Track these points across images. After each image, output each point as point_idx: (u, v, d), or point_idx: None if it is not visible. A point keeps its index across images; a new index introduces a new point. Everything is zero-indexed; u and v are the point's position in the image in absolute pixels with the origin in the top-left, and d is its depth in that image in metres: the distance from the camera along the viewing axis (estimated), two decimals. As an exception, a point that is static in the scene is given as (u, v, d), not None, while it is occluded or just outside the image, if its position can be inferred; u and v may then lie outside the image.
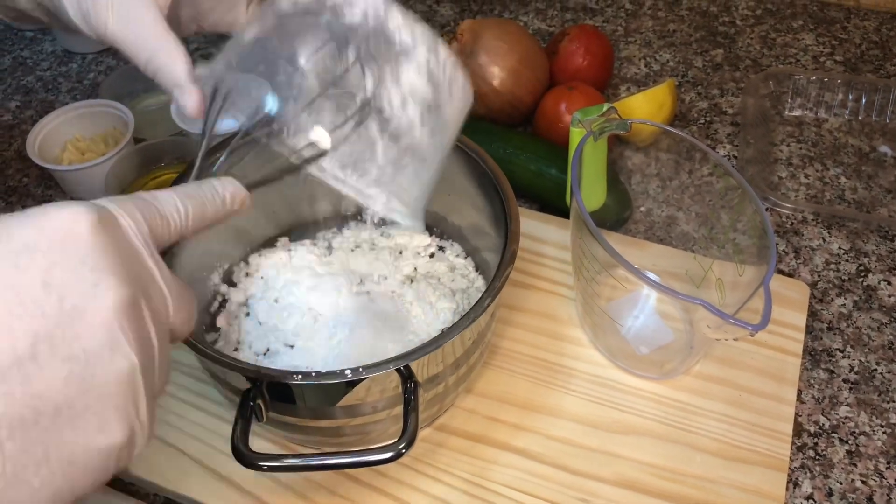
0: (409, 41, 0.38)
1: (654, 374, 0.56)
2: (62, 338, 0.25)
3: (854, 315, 0.62)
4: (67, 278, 0.25)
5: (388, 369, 0.41)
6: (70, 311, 0.25)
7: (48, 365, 0.24)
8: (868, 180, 0.73)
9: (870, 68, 0.85)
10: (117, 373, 0.26)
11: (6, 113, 0.82)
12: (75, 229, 0.26)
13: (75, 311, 0.25)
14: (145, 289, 0.28)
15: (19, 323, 0.24)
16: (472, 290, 0.58)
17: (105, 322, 0.26)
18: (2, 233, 0.25)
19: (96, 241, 0.26)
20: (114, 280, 0.26)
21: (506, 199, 0.50)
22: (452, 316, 0.55)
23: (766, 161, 0.75)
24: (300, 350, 0.54)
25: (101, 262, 0.26)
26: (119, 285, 0.26)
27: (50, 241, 0.26)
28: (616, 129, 0.54)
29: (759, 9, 0.95)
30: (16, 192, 0.73)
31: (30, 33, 0.92)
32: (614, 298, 0.58)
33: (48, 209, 0.26)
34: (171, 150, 0.71)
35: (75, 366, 0.25)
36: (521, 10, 0.95)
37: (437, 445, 0.52)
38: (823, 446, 0.54)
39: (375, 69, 0.37)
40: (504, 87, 0.73)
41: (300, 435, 0.50)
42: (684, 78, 0.85)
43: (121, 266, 0.27)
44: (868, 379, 0.58)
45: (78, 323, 0.25)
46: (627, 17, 0.94)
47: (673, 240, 0.64)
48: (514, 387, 0.55)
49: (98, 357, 0.26)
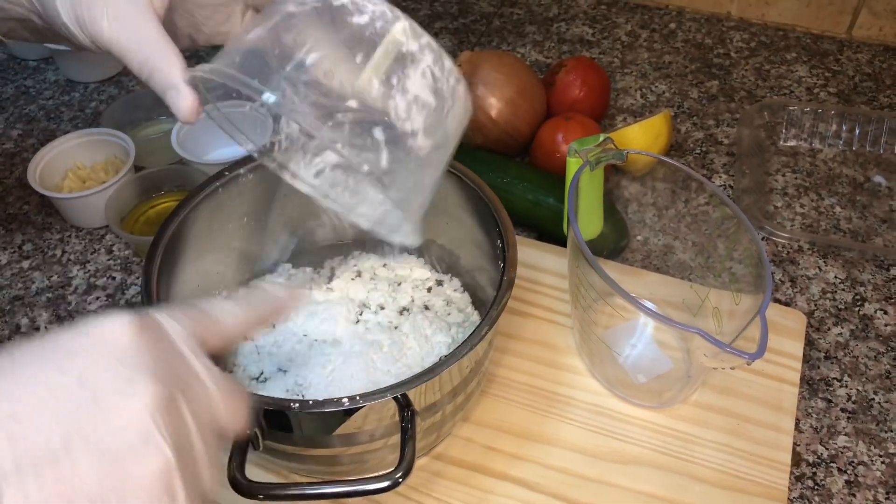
0: (416, 49, 0.38)
1: (652, 402, 0.56)
2: (95, 432, 0.25)
3: (851, 344, 0.62)
4: (104, 377, 0.26)
5: (386, 397, 0.41)
6: (104, 407, 0.26)
7: (82, 459, 0.25)
8: (863, 210, 0.74)
9: (863, 100, 0.87)
10: (152, 468, 0.26)
11: (8, 141, 0.82)
12: (117, 334, 0.27)
13: (109, 407, 0.26)
14: (186, 388, 0.29)
15: (54, 418, 0.25)
16: (468, 325, 0.58)
17: (138, 418, 0.26)
18: (51, 342, 0.27)
19: (134, 344, 0.27)
20: (148, 378, 0.27)
21: (503, 228, 0.51)
22: (447, 350, 0.55)
23: (761, 191, 0.75)
24: (293, 376, 0.54)
25: (138, 362, 0.27)
26: (153, 383, 0.27)
27: (92, 345, 0.27)
28: (612, 159, 0.55)
29: (754, 41, 0.96)
30: (16, 219, 0.73)
31: (33, 63, 0.93)
32: (611, 327, 0.58)
33: (95, 319, 0.28)
34: (171, 179, 0.72)
35: (108, 460, 0.25)
36: (519, 42, 0.97)
37: (435, 475, 0.52)
38: (822, 476, 0.54)
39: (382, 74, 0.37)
40: (502, 118, 0.74)
41: (296, 463, 0.49)
42: (680, 109, 0.86)
43: (158, 366, 0.28)
44: (866, 408, 0.58)
45: (112, 418, 0.26)
46: (623, 49, 0.95)
47: (670, 268, 0.64)
48: (511, 415, 0.55)
49: (132, 452, 0.26)
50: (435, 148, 0.39)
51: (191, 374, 0.30)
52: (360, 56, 0.37)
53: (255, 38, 0.39)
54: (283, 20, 0.38)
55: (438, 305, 0.59)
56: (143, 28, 0.40)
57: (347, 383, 0.52)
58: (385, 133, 0.37)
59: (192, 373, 0.30)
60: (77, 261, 0.69)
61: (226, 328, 0.33)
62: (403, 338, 0.56)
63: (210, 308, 0.33)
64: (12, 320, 0.64)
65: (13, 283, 0.68)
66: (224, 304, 0.34)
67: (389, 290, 0.60)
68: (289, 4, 0.39)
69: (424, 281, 0.61)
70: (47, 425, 0.25)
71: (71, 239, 0.71)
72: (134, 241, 0.67)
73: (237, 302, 0.34)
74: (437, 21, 1.01)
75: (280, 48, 0.37)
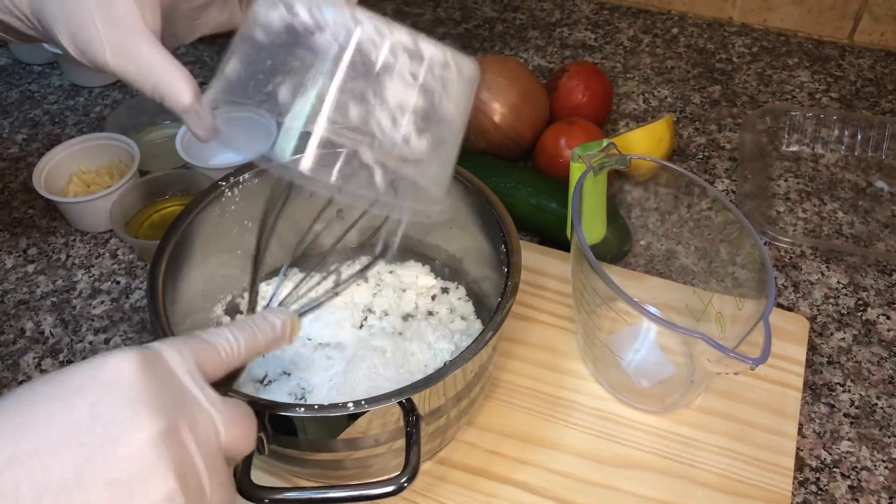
0: (387, 54, 0.36)
1: (656, 407, 0.56)
2: (104, 463, 0.27)
3: (854, 349, 0.62)
4: (111, 410, 0.28)
5: (391, 402, 0.41)
6: (111, 440, 0.28)
7: (93, 489, 0.27)
8: (865, 215, 0.74)
9: (865, 105, 0.87)
10: (157, 496, 0.28)
11: (13, 145, 0.83)
12: (121, 371, 0.29)
13: (116, 441, 0.28)
14: (189, 417, 0.31)
15: (67, 452, 0.27)
16: (471, 334, 0.58)
17: (143, 448, 0.28)
18: (60, 378, 0.29)
19: (138, 379, 0.29)
20: (151, 411, 0.29)
21: (507, 233, 0.51)
22: (450, 357, 0.55)
23: (763, 196, 0.76)
24: (296, 379, 0.54)
25: (141, 397, 0.29)
26: (155, 415, 0.29)
27: (99, 382, 0.29)
28: (616, 164, 0.55)
29: (756, 46, 0.96)
30: (21, 223, 0.74)
31: (37, 68, 0.94)
32: (615, 331, 0.58)
33: (100, 357, 0.30)
34: (175, 183, 0.72)
35: (116, 489, 0.27)
36: (522, 47, 0.97)
37: (439, 479, 0.52)
38: (825, 481, 0.54)
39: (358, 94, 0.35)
40: (505, 123, 0.74)
41: (301, 468, 0.50)
42: (682, 114, 0.86)
43: (160, 399, 0.29)
44: (869, 413, 0.58)
45: (118, 451, 0.28)
46: (626, 54, 0.96)
47: (672, 273, 0.65)
48: (515, 420, 0.55)
49: (138, 480, 0.28)
50: (436, 141, 0.38)
51: (193, 404, 0.31)
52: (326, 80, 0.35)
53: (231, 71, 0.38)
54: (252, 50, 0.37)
55: (442, 313, 0.59)
56: (143, 54, 0.40)
57: (350, 388, 0.53)
58: (374, 154, 0.36)
59: (194, 402, 0.31)
60: (82, 265, 0.69)
61: (226, 358, 0.35)
62: (407, 344, 0.56)
63: (211, 338, 0.35)
64: (17, 324, 0.65)
65: (18, 286, 0.68)
66: (225, 334, 0.35)
67: (394, 296, 0.60)
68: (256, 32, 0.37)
69: (430, 288, 0.61)
70: (61, 459, 0.27)
71: (76, 243, 0.71)
72: (138, 245, 0.67)
73: (237, 332, 0.36)
74: (440, 26, 1.01)
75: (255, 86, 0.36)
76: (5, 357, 0.62)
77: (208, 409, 0.32)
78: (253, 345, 0.36)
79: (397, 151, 0.37)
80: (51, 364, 0.61)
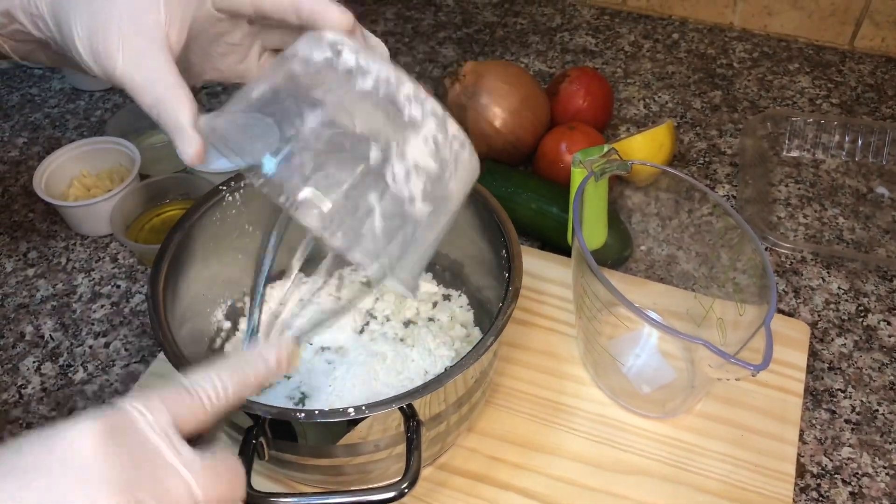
0: (419, 114, 0.37)
1: (656, 413, 0.56)
2: None
3: (855, 355, 0.62)
4: (65, 494, 0.26)
5: (391, 408, 0.41)
6: None
7: None
8: (866, 221, 0.74)
9: (865, 111, 0.87)
10: None
11: (13, 149, 0.83)
12: (80, 446, 0.27)
13: None
14: (157, 487, 0.29)
15: None
16: (471, 340, 0.58)
17: None
18: (14, 452, 0.27)
19: (98, 455, 0.28)
20: (111, 490, 0.27)
21: (508, 237, 0.51)
22: (450, 363, 0.55)
23: (764, 201, 0.76)
24: (296, 381, 0.54)
25: (101, 476, 0.27)
26: (113, 494, 0.27)
27: (56, 458, 0.27)
28: (617, 169, 0.55)
29: (756, 52, 0.97)
30: (21, 226, 0.74)
31: (38, 71, 0.94)
32: (616, 337, 0.58)
33: (61, 428, 0.28)
34: (176, 187, 0.72)
35: None
36: (523, 51, 0.97)
37: (439, 485, 0.52)
38: (826, 487, 0.54)
39: (382, 140, 0.36)
40: (506, 128, 0.74)
41: (301, 473, 0.49)
42: (683, 119, 0.86)
43: (123, 475, 0.28)
44: (870, 420, 0.58)
45: None
46: (627, 59, 0.96)
47: (673, 279, 0.65)
48: (515, 425, 0.55)
49: None
50: (435, 212, 0.38)
51: (164, 471, 0.29)
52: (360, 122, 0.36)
53: (257, 97, 0.38)
54: (286, 80, 0.37)
55: (443, 320, 0.59)
56: (157, 66, 0.39)
57: (349, 392, 0.53)
58: (382, 199, 0.36)
59: (166, 468, 0.29)
60: (82, 269, 0.69)
61: (211, 405, 0.32)
62: (407, 350, 0.56)
63: (193, 385, 0.32)
64: (17, 328, 0.65)
65: (18, 290, 0.68)
66: (210, 379, 0.33)
67: (396, 301, 0.60)
68: (294, 63, 0.38)
69: (431, 295, 0.61)
70: None
71: (76, 247, 0.71)
72: (139, 249, 0.67)
73: (224, 374, 0.33)
74: (441, 31, 1.01)
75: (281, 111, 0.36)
76: (5, 361, 0.62)
77: (183, 473, 0.29)
78: (242, 387, 0.34)
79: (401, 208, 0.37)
80: (50, 368, 0.61)
